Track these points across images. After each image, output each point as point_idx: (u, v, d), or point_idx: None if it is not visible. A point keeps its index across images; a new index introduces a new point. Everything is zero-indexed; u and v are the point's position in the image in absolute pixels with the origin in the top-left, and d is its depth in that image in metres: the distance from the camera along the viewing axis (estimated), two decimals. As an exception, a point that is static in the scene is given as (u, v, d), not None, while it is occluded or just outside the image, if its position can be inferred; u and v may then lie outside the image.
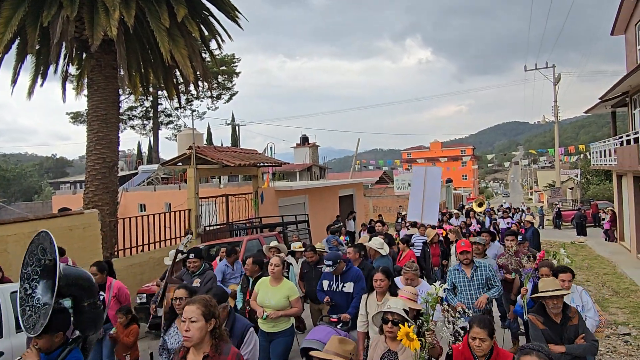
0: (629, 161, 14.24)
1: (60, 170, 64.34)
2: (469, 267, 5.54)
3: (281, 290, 5.04)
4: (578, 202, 31.75)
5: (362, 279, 5.47)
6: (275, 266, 5.09)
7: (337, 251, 8.26)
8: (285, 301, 4.98)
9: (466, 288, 5.50)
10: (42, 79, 11.76)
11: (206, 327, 2.74)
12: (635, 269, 13.09)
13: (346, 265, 5.63)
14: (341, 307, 5.33)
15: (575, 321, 3.97)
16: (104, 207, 10.53)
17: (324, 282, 5.65)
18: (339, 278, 5.52)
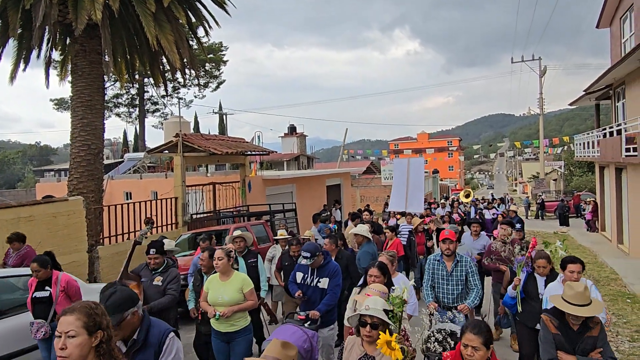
0: (612, 153, 14.49)
1: (45, 158, 63.34)
2: (450, 260, 5.07)
3: (233, 283, 4.65)
4: (561, 194, 32.26)
5: (339, 275, 5.16)
6: (219, 259, 4.64)
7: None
8: (240, 295, 4.61)
9: (444, 283, 5.05)
10: (25, 63, 11.52)
11: (89, 343, 2.14)
12: (616, 258, 13.39)
13: (324, 258, 5.22)
14: (313, 303, 4.99)
15: (596, 332, 3.50)
16: (88, 194, 10.40)
17: (297, 274, 5.28)
18: (315, 272, 5.14)
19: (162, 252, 5.39)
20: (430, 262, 5.27)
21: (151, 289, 5.11)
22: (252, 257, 6.28)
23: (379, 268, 4.28)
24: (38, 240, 8.15)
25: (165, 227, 11.74)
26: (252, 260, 6.23)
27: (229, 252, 4.75)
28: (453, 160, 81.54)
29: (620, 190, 15.52)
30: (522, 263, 4.97)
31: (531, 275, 4.93)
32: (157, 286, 5.13)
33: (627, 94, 14.60)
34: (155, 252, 5.28)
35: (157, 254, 5.29)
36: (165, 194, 13.03)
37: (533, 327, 4.69)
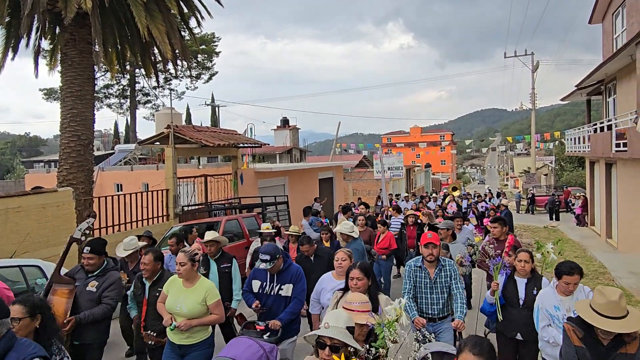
0: (602, 148, 14.61)
1: (34, 149, 62.68)
2: (433, 266, 4.43)
3: (195, 292, 4.00)
4: (552, 188, 32.52)
5: (303, 279, 4.53)
6: (181, 265, 3.99)
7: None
8: (202, 307, 3.98)
9: (427, 293, 4.43)
10: (13, 52, 11.33)
11: None
12: (604, 252, 13.55)
13: (284, 262, 4.53)
14: (275, 314, 4.34)
15: (633, 349, 2.83)
16: (78, 185, 10.30)
17: (254, 282, 4.54)
18: (275, 278, 4.47)
19: (100, 252, 4.48)
20: (410, 269, 4.56)
21: (84, 296, 4.32)
22: (225, 261, 5.55)
23: (362, 269, 3.71)
24: (27, 232, 8.08)
25: (156, 219, 11.68)
26: (225, 265, 5.51)
27: (193, 255, 4.10)
28: (445, 155, 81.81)
29: (609, 185, 15.67)
30: (499, 265, 4.48)
31: (510, 277, 4.44)
32: (91, 293, 4.32)
33: (618, 90, 14.70)
34: (89, 250, 4.39)
35: (91, 253, 4.39)
36: (157, 185, 12.96)
37: (513, 337, 4.32)
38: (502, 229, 6.21)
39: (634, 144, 11.20)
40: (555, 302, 3.79)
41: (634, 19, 12.95)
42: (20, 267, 5.56)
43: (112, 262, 4.70)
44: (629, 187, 13.06)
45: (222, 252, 5.61)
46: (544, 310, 3.86)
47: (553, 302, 3.80)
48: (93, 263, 4.39)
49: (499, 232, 6.20)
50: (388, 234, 8.57)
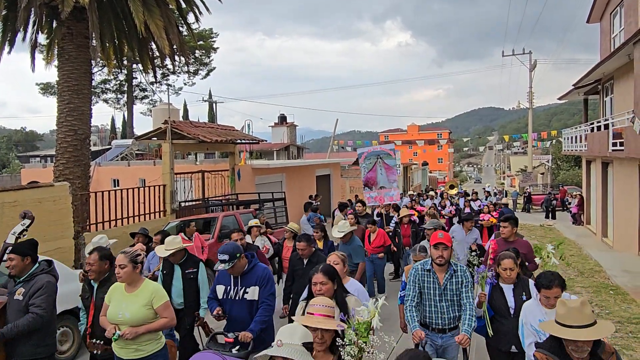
0: (599, 147, 14.66)
1: (30, 144, 62.33)
2: (443, 270, 3.96)
3: (139, 296, 3.63)
4: (549, 187, 32.66)
5: (271, 281, 4.11)
6: (120, 267, 3.61)
7: None
8: (148, 311, 3.61)
9: (435, 300, 3.95)
10: (10, 46, 11.31)
11: None
12: (600, 251, 13.62)
13: (249, 261, 4.11)
14: (242, 321, 3.93)
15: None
16: (75, 180, 10.28)
17: (218, 287, 4.13)
18: (239, 281, 4.04)
19: (24, 253, 3.83)
20: (416, 272, 4.07)
21: (12, 306, 3.79)
22: (191, 266, 5.10)
23: (325, 272, 3.34)
24: (23, 226, 8.05)
25: (153, 214, 11.66)
26: (190, 270, 5.06)
27: (134, 256, 3.71)
28: (442, 153, 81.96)
29: (605, 184, 15.73)
30: (484, 274, 4.14)
31: (496, 286, 4.09)
32: (18, 302, 3.74)
33: (615, 89, 14.74)
34: (11, 251, 3.85)
35: (13, 253, 3.81)
36: (154, 181, 12.93)
37: (508, 351, 4.00)
38: (512, 229, 5.66)
39: (631, 143, 11.24)
40: (540, 316, 3.45)
41: (632, 18, 12.98)
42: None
43: (45, 264, 4.02)
44: (625, 187, 13.12)
45: (187, 256, 5.19)
46: (528, 325, 3.54)
47: (538, 316, 3.47)
48: (14, 265, 3.78)
49: (509, 233, 5.64)
50: (379, 232, 8.39)
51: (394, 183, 11.37)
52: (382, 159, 11.37)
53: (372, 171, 11.39)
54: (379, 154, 11.46)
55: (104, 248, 4.28)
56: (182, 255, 5.14)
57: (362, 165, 11.70)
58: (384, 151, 11.53)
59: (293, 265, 5.58)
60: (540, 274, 3.50)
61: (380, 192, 11.26)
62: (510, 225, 5.65)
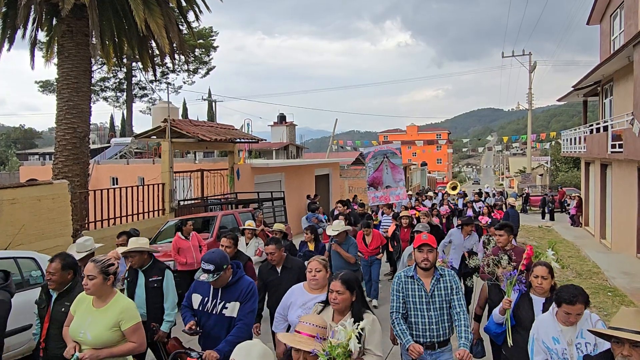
0: (598, 149, 14.68)
1: (29, 141, 62.17)
2: (429, 276, 3.58)
3: (107, 314, 3.16)
4: (547, 188, 32.71)
5: (255, 297, 3.63)
6: (89, 278, 3.14)
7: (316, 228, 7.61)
8: (111, 334, 3.13)
9: (421, 310, 3.54)
10: (9, 43, 11.28)
11: None
12: (598, 252, 13.63)
13: (234, 273, 3.64)
14: (217, 339, 3.49)
15: None
16: (74, 178, 10.27)
17: (194, 296, 3.67)
18: (219, 293, 3.56)
19: None
20: (399, 280, 3.67)
21: None
22: (156, 273, 4.54)
23: (344, 281, 3.00)
24: (22, 224, 8.04)
25: (151, 213, 11.65)
26: (155, 278, 4.51)
27: (105, 266, 3.23)
28: (441, 153, 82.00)
29: (604, 186, 15.75)
30: (513, 279, 3.70)
31: (525, 295, 3.67)
32: None
33: (615, 91, 14.76)
34: None
35: None
36: (153, 179, 12.92)
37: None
38: (508, 237, 5.28)
39: (630, 145, 11.25)
40: (554, 333, 3.11)
41: (632, 20, 12.99)
42: (15, 259, 5.53)
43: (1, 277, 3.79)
44: (624, 188, 13.13)
45: (153, 262, 4.62)
46: (540, 341, 3.19)
47: (551, 333, 3.13)
48: None
49: (505, 241, 5.26)
50: (374, 233, 8.04)
51: (400, 182, 11.38)
52: (388, 158, 11.39)
53: (378, 171, 11.42)
54: (385, 153, 11.49)
55: (68, 255, 3.83)
56: (144, 260, 4.55)
57: (368, 165, 11.73)
58: (391, 150, 11.56)
59: (264, 277, 4.84)
60: (562, 287, 3.14)
61: (386, 192, 11.28)
62: (506, 233, 5.29)
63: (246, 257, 5.49)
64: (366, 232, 7.91)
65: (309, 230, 6.93)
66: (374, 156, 11.56)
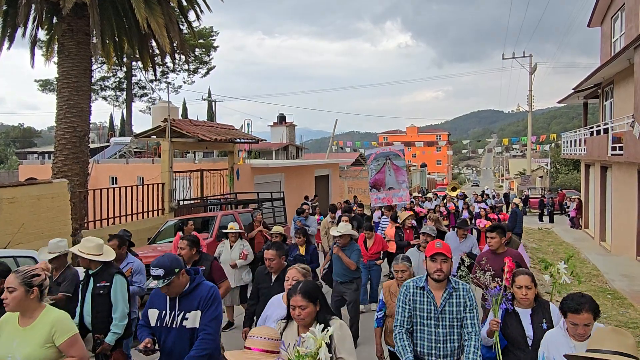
0: (598, 151, 14.67)
1: (28, 140, 62.13)
2: (441, 288, 3.26)
3: (36, 331, 2.76)
4: (547, 190, 32.71)
5: (217, 303, 3.21)
6: (9, 291, 2.72)
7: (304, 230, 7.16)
8: (45, 351, 2.74)
9: (430, 326, 3.24)
10: (10, 42, 11.26)
11: None
12: (598, 255, 13.63)
13: (192, 279, 3.23)
14: (181, 355, 3.10)
15: None
16: (73, 177, 10.24)
17: (150, 312, 3.23)
18: (177, 303, 3.16)
19: None
20: (407, 290, 3.37)
21: None
22: (104, 278, 4.07)
23: (304, 294, 2.76)
24: (21, 223, 8.02)
25: (151, 212, 11.63)
26: (102, 284, 4.05)
27: (28, 277, 2.78)
28: (441, 155, 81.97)
29: (604, 188, 15.74)
30: (498, 296, 3.37)
31: (512, 312, 3.39)
32: None
33: (615, 94, 14.76)
34: None
35: None
36: (152, 179, 12.90)
37: None
38: (500, 239, 5.04)
39: (630, 147, 11.24)
40: (567, 349, 2.78)
41: (633, 23, 12.99)
42: (15, 257, 5.52)
43: None
44: (624, 191, 13.13)
45: (104, 265, 4.16)
46: (551, 359, 2.92)
47: (563, 349, 2.79)
48: None
49: (497, 244, 5.03)
50: (377, 237, 7.63)
51: (403, 184, 11.37)
52: (391, 159, 11.38)
53: (381, 172, 11.41)
54: (388, 154, 11.48)
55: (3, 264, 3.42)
56: (90, 263, 4.12)
57: (371, 166, 11.71)
58: (393, 152, 11.55)
59: (258, 282, 4.62)
60: (567, 296, 2.89)
61: (389, 193, 11.26)
62: (498, 235, 5.05)
63: (211, 258, 5.14)
64: (368, 235, 7.47)
65: (300, 232, 6.66)
66: (376, 158, 11.55)
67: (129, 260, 5.25)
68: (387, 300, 4.15)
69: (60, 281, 4.53)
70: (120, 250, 5.03)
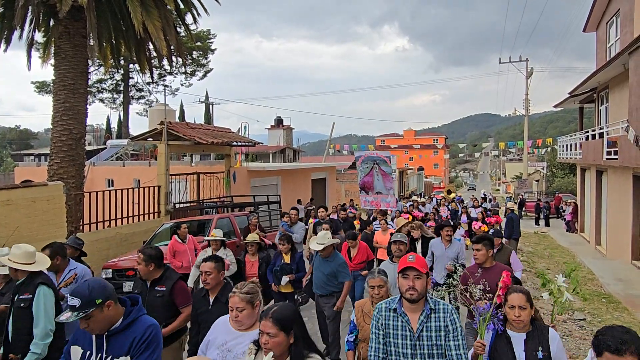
0: (593, 155, 14.74)
1: (24, 142, 61.99)
2: (417, 310, 2.79)
3: None
4: (543, 194, 32.82)
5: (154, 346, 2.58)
6: None
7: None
8: None
9: (406, 354, 2.77)
10: (6, 44, 11.24)
11: None
12: (593, 259, 13.66)
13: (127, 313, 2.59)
14: None
15: None
16: (69, 180, 10.22)
17: (73, 349, 2.60)
18: (104, 343, 2.53)
19: None
20: (378, 313, 2.92)
21: None
22: (28, 290, 3.62)
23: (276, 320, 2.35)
24: (16, 225, 7.99)
25: (147, 215, 11.61)
26: (25, 296, 3.58)
27: None
28: (438, 158, 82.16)
29: (600, 192, 15.81)
30: (487, 315, 2.92)
31: (501, 334, 2.93)
32: None
33: (611, 98, 14.84)
34: None
35: None
36: (148, 182, 12.88)
37: None
38: (487, 252, 4.51)
39: (625, 152, 11.30)
40: None
41: (628, 28, 13.08)
42: (8, 261, 5.47)
43: None
44: (619, 195, 13.18)
45: (29, 276, 3.69)
46: None
47: None
48: None
49: (484, 257, 4.49)
50: (361, 245, 7.01)
51: (390, 190, 11.41)
52: (378, 165, 11.42)
53: (369, 176, 11.45)
54: (375, 159, 11.51)
55: None
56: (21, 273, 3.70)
57: (359, 168, 11.77)
58: (380, 157, 11.56)
59: (195, 306, 3.92)
60: (604, 330, 2.32)
61: (377, 198, 11.31)
62: (485, 247, 4.50)
63: (176, 277, 4.10)
64: (351, 244, 6.87)
65: (284, 239, 6.17)
66: (365, 161, 11.61)
67: (71, 266, 4.55)
68: (359, 322, 3.64)
69: (5, 292, 4.15)
70: (54, 262, 4.30)
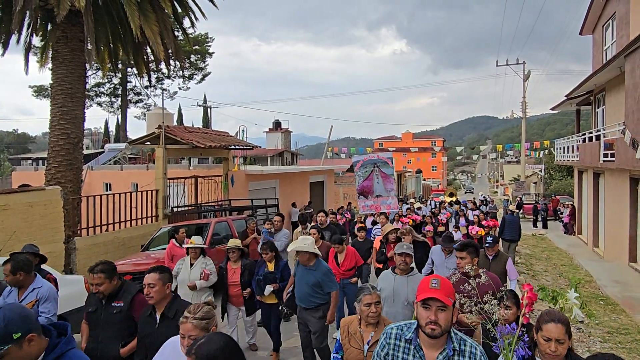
0: (590, 157, 14.79)
1: (22, 146, 61.89)
2: (437, 345, 2.25)
3: None
4: (540, 196, 32.87)
5: None
6: None
7: None
8: None
9: None
10: (4, 48, 11.26)
11: None
12: (591, 261, 13.69)
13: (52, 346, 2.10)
14: None
15: None
16: (67, 184, 10.20)
17: None
18: None
19: None
20: (387, 339, 2.41)
21: None
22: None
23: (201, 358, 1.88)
24: (13, 230, 7.98)
25: (145, 219, 11.60)
26: None
27: None
28: (436, 161, 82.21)
29: (597, 194, 15.85)
30: (513, 339, 2.40)
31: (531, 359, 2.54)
32: None
33: (607, 101, 14.90)
34: None
35: None
36: (146, 186, 12.88)
37: None
38: (471, 260, 4.13)
39: (622, 154, 11.34)
40: None
41: (624, 31, 13.15)
42: (6, 265, 5.46)
43: None
44: (616, 197, 13.22)
45: None
46: None
47: None
48: None
49: (468, 265, 4.00)
50: (349, 250, 6.60)
51: (391, 192, 11.40)
52: (378, 167, 11.41)
53: (368, 180, 11.44)
54: (375, 162, 11.51)
55: None
56: None
57: (358, 173, 11.72)
58: (381, 159, 11.56)
59: (140, 327, 3.50)
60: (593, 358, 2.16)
61: (377, 201, 11.30)
62: (469, 255, 4.17)
63: (134, 290, 3.74)
64: (338, 249, 6.45)
65: (267, 247, 5.79)
66: (364, 165, 11.59)
67: (36, 284, 4.16)
68: (344, 342, 3.20)
69: None
70: (16, 277, 4.02)
